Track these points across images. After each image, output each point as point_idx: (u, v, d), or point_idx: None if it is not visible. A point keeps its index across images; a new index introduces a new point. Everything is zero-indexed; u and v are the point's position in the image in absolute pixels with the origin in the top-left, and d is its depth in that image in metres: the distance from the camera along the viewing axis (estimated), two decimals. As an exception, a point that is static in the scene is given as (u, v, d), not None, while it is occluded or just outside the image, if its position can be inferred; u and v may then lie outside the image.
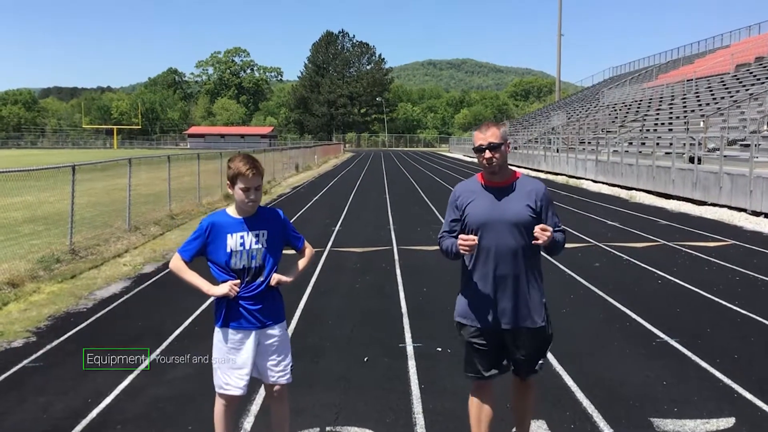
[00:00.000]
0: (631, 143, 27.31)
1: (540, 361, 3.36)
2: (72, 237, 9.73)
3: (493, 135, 3.18)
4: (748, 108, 24.32)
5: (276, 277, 3.26)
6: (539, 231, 3.09)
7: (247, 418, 4.11)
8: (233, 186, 3.19)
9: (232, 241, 3.19)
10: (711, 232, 12.38)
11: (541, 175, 31.60)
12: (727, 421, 4.06)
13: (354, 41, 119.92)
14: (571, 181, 26.94)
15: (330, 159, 53.00)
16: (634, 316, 6.51)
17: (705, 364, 5.11)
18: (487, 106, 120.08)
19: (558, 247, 3.26)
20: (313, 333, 5.95)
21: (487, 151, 3.16)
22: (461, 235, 3.15)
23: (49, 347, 5.59)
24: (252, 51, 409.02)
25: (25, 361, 5.22)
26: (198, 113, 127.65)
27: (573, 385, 4.67)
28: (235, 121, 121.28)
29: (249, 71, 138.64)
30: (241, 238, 3.20)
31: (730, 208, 15.70)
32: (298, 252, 3.47)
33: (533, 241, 3.11)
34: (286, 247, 3.38)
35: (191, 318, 6.44)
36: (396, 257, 9.84)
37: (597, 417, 4.15)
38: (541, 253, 3.32)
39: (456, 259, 3.29)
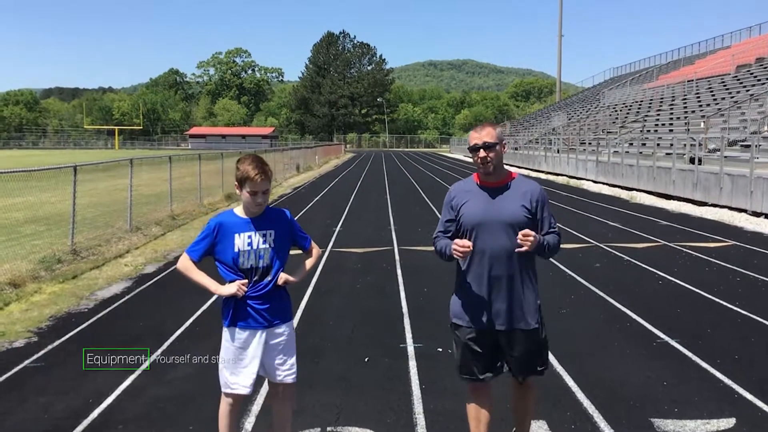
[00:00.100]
0: (632, 144, 27.30)
1: (540, 367, 3.32)
2: (73, 237, 9.74)
3: (489, 134, 3.19)
4: (748, 109, 24.32)
5: (283, 277, 3.28)
6: (521, 237, 3.06)
7: (248, 418, 4.11)
8: (241, 188, 3.20)
9: (239, 241, 3.21)
10: (711, 232, 12.38)
11: (542, 176, 31.60)
12: (728, 422, 4.07)
13: (355, 42, 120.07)
14: (572, 182, 26.94)
15: (331, 159, 53.02)
16: (634, 316, 6.51)
17: (705, 364, 5.11)
18: (488, 106, 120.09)
19: (550, 250, 3.22)
20: (314, 333, 5.95)
21: (482, 150, 3.17)
22: (456, 240, 3.14)
23: (51, 347, 5.60)
24: (253, 51, 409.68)
25: (27, 362, 5.23)
26: (199, 114, 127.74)
27: (573, 386, 4.68)
28: (237, 122, 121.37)
29: (250, 72, 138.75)
30: (249, 237, 3.22)
31: (730, 208, 15.69)
32: (305, 252, 3.49)
33: (516, 249, 3.08)
34: (293, 247, 3.40)
35: (192, 318, 6.44)
36: (397, 257, 9.84)
37: (597, 417, 4.15)
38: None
39: (450, 261, 3.28)
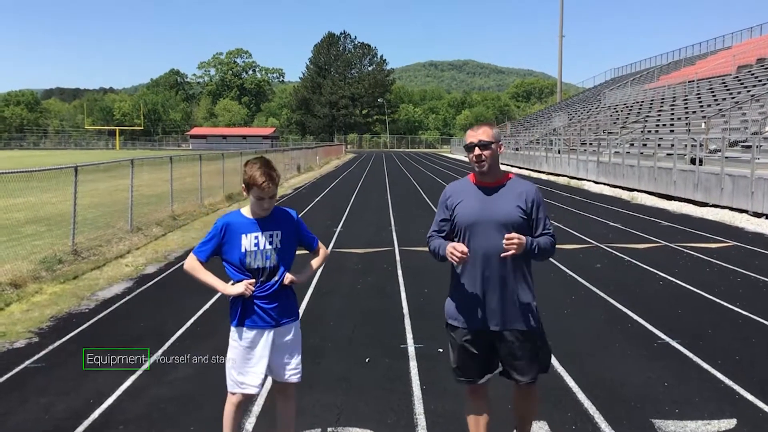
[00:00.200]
0: (633, 144, 27.29)
1: (540, 371, 3.26)
2: (74, 238, 9.75)
3: (485, 133, 3.19)
4: (749, 109, 24.31)
5: (289, 277, 3.29)
6: (506, 241, 3.03)
7: (249, 418, 4.11)
8: (248, 191, 3.20)
9: (246, 242, 3.22)
10: (712, 233, 12.38)
11: (543, 177, 31.61)
12: (729, 423, 4.06)
13: (355, 42, 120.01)
14: (573, 183, 26.93)
15: (332, 160, 53.02)
16: (635, 317, 6.51)
17: (706, 365, 5.11)
18: (489, 107, 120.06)
19: (541, 252, 3.17)
20: (315, 334, 5.95)
21: (477, 149, 3.16)
22: (453, 243, 3.12)
23: (51, 348, 5.60)
24: (254, 52, 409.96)
25: (27, 362, 5.23)
26: (200, 114, 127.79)
27: (574, 386, 4.67)
28: (237, 122, 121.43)
29: (251, 72, 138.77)
30: (256, 238, 3.23)
31: (731, 209, 15.68)
32: (311, 252, 3.50)
33: (502, 254, 3.06)
34: (299, 248, 3.40)
35: (193, 319, 6.45)
36: (397, 258, 9.84)
37: (598, 418, 4.15)
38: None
39: (443, 261, 3.27)
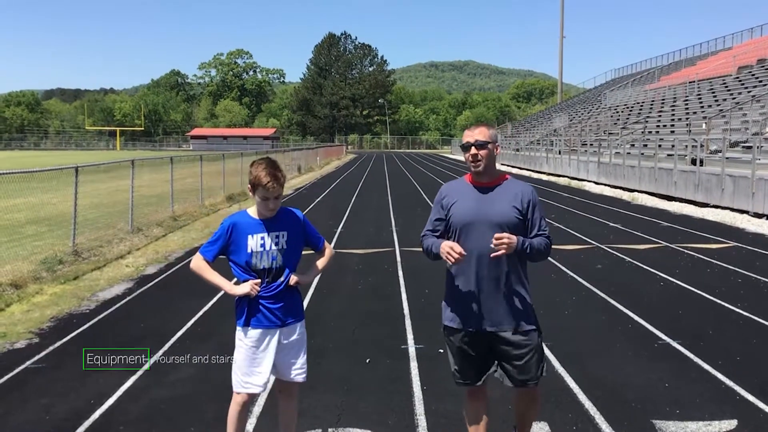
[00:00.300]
0: (633, 145, 27.28)
1: (538, 372, 3.21)
2: (75, 238, 9.75)
3: (481, 133, 3.18)
4: (750, 110, 24.29)
5: (294, 278, 3.29)
6: (495, 241, 3.01)
7: (250, 419, 4.10)
8: (254, 192, 3.21)
9: (252, 242, 3.22)
10: (713, 234, 12.37)
11: (543, 177, 31.62)
12: (729, 423, 4.06)
13: (356, 43, 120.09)
14: (574, 183, 26.93)
15: (332, 161, 53.02)
16: (636, 317, 6.51)
17: (707, 366, 5.11)
18: (490, 107, 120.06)
19: (535, 252, 3.14)
20: (315, 334, 5.94)
21: (473, 148, 3.15)
22: (450, 243, 3.10)
23: (52, 348, 5.60)
24: (254, 53, 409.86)
25: (28, 363, 5.23)
26: (201, 115, 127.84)
27: (575, 387, 4.67)
28: (238, 123, 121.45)
29: (251, 73, 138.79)
30: (262, 239, 3.23)
31: (732, 210, 15.68)
32: (317, 252, 3.50)
33: (491, 255, 3.03)
34: (305, 248, 3.40)
35: (193, 319, 6.44)
36: (398, 259, 9.84)
37: (599, 419, 4.15)
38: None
39: (436, 260, 3.25)
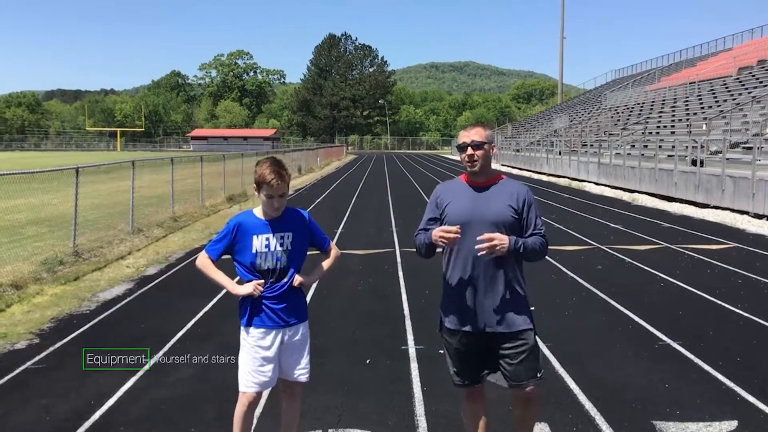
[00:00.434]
0: (634, 146, 27.28)
1: (536, 374, 3.18)
2: (75, 239, 9.75)
3: (477, 134, 3.18)
4: (750, 111, 24.29)
5: (298, 279, 3.30)
6: (481, 242, 2.99)
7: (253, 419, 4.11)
8: (259, 191, 3.22)
9: (257, 243, 3.23)
10: (713, 234, 12.37)
11: (544, 178, 31.62)
12: (730, 424, 4.06)
13: (356, 44, 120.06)
14: (574, 184, 26.93)
15: (332, 161, 53.02)
16: (636, 318, 6.51)
17: (707, 366, 5.10)
18: (490, 108, 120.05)
19: (529, 252, 3.12)
20: (316, 335, 5.91)
21: (469, 149, 3.16)
22: (442, 227, 3.07)
23: (52, 349, 5.60)
24: (255, 53, 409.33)
25: (28, 363, 5.23)
26: (201, 116, 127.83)
27: (575, 388, 4.67)
28: (238, 124, 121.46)
29: (252, 74, 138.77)
30: (267, 239, 3.24)
31: (732, 210, 15.68)
32: (323, 253, 3.50)
33: (479, 254, 3.02)
34: (311, 248, 3.41)
35: (194, 320, 6.45)
36: (398, 259, 9.84)
37: (599, 420, 4.15)
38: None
39: (428, 255, 3.24)
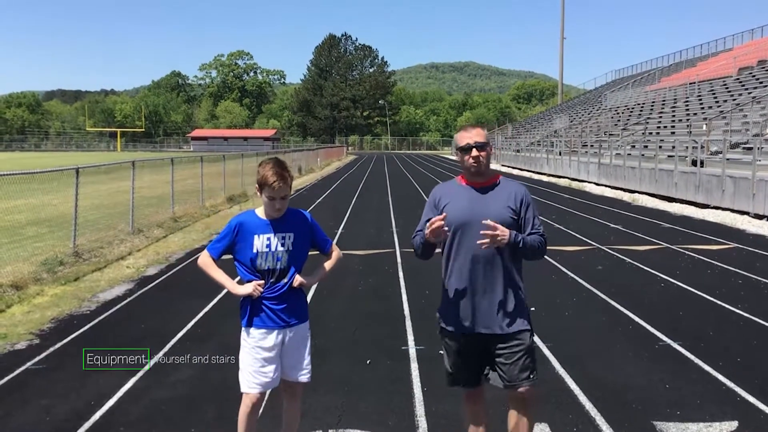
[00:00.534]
0: (634, 146, 27.28)
1: (531, 375, 3.15)
2: (75, 239, 9.75)
3: (479, 134, 3.17)
4: (750, 111, 24.29)
5: (298, 280, 3.29)
6: (486, 230, 2.97)
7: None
8: (261, 192, 3.22)
9: (258, 242, 3.23)
10: (713, 235, 12.36)
11: (544, 178, 31.62)
12: (730, 425, 4.06)
13: (357, 44, 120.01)
14: (574, 184, 26.93)
15: (333, 162, 53.03)
16: (636, 319, 6.51)
17: (708, 367, 5.10)
18: (490, 108, 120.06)
19: (528, 248, 3.13)
20: (316, 335, 5.90)
21: (475, 150, 3.14)
22: (434, 219, 3.05)
23: (52, 349, 5.60)
24: (255, 54, 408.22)
25: (28, 364, 5.23)
26: (201, 116, 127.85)
27: (575, 388, 4.67)
28: (239, 124, 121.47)
29: (252, 74, 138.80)
30: (268, 239, 3.24)
31: (732, 211, 15.67)
32: (324, 255, 3.50)
33: (480, 242, 3.00)
34: (312, 249, 3.41)
35: (194, 320, 6.45)
36: (399, 260, 9.84)
37: (600, 420, 4.14)
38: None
39: (426, 257, 3.22)
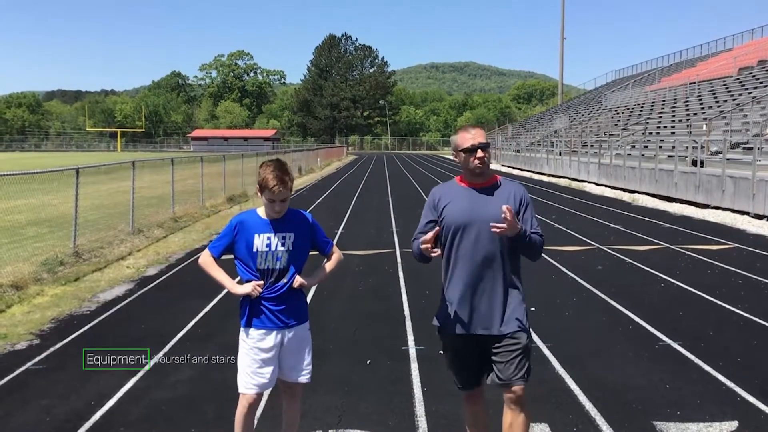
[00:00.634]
0: (634, 146, 27.28)
1: (525, 375, 3.14)
2: (75, 240, 9.75)
3: (481, 135, 3.16)
4: (750, 111, 24.29)
5: (298, 280, 3.29)
6: (505, 211, 2.97)
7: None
8: (261, 193, 3.22)
9: (258, 242, 3.23)
10: (713, 235, 12.36)
11: (544, 179, 31.62)
12: (730, 425, 4.06)
13: (357, 44, 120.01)
14: (574, 184, 26.93)
15: (333, 162, 53.03)
16: (636, 318, 6.51)
17: (708, 367, 5.10)
18: (490, 109, 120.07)
19: (531, 246, 3.14)
20: (316, 336, 5.89)
21: (480, 151, 3.12)
22: (423, 238, 3.06)
23: (52, 350, 5.61)
24: (255, 54, 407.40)
25: (29, 364, 5.23)
26: (201, 116, 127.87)
27: (576, 388, 4.67)
28: (239, 124, 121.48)
29: (252, 74, 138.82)
30: (268, 239, 3.24)
31: (732, 211, 15.67)
32: (325, 256, 3.49)
33: (492, 226, 2.99)
34: (312, 250, 3.41)
35: (194, 320, 6.45)
36: (399, 260, 9.84)
37: (600, 420, 4.14)
38: (525, 257, 3.24)
39: (424, 260, 3.20)
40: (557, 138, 39.57)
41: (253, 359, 3.28)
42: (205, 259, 3.36)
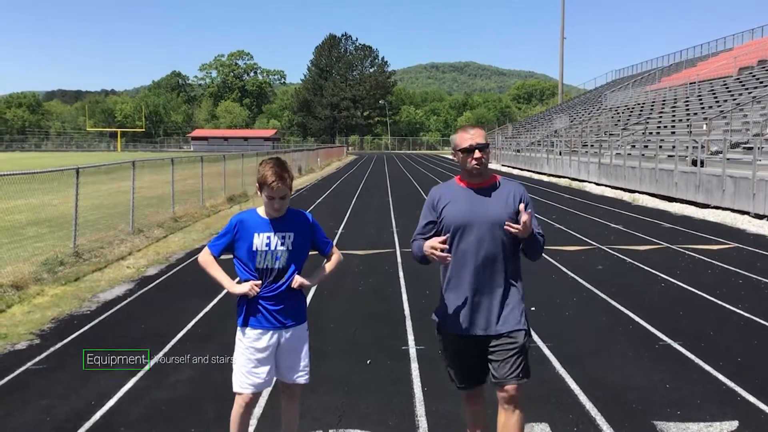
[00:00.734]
0: (634, 146, 27.27)
1: (521, 375, 3.12)
2: (76, 239, 9.76)
3: (480, 136, 3.15)
4: (750, 111, 24.29)
5: (298, 280, 3.29)
6: (521, 210, 3.01)
7: (250, 420, 4.10)
8: (261, 191, 3.22)
9: (258, 241, 3.23)
10: (714, 235, 12.36)
11: (544, 178, 31.61)
12: (731, 425, 4.06)
13: (357, 44, 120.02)
14: (574, 184, 26.93)
15: (333, 162, 53.03)
16: (636, 318, 6.51)
17: (708, 367, 5.10)
18: (490, 108, 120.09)
19: (534, 245, 3.15)
20: (316, 336, 5.91)
21: (477, 151, 3.11)
22: (429, 241, 3.05)
23: (53, 350, 5.61)
24: (255, 54, 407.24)
25: (29, 364, 5.23)
26: (201, 116, 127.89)
27: (576, 388, 4.67)
28: (239, 124, 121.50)
29: (252, 74, 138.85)
30: (267, 238, 3.24)
31: (733, 211, 15.68)
32: (324, 256, 3.49)
33: (505, 226, 3.03)
34: (312, 250, 3.40)
35: (194, 320, 6.45)
36: (399, 260, 9.84)
37: (600, 420, 4.14)
38: (526, 258, 3.24)
39: (424, 262, 3.19)
40: (557, 138, 39.57)
41: (249, 359, 3.27)
42: (205, 258, 3.36)
